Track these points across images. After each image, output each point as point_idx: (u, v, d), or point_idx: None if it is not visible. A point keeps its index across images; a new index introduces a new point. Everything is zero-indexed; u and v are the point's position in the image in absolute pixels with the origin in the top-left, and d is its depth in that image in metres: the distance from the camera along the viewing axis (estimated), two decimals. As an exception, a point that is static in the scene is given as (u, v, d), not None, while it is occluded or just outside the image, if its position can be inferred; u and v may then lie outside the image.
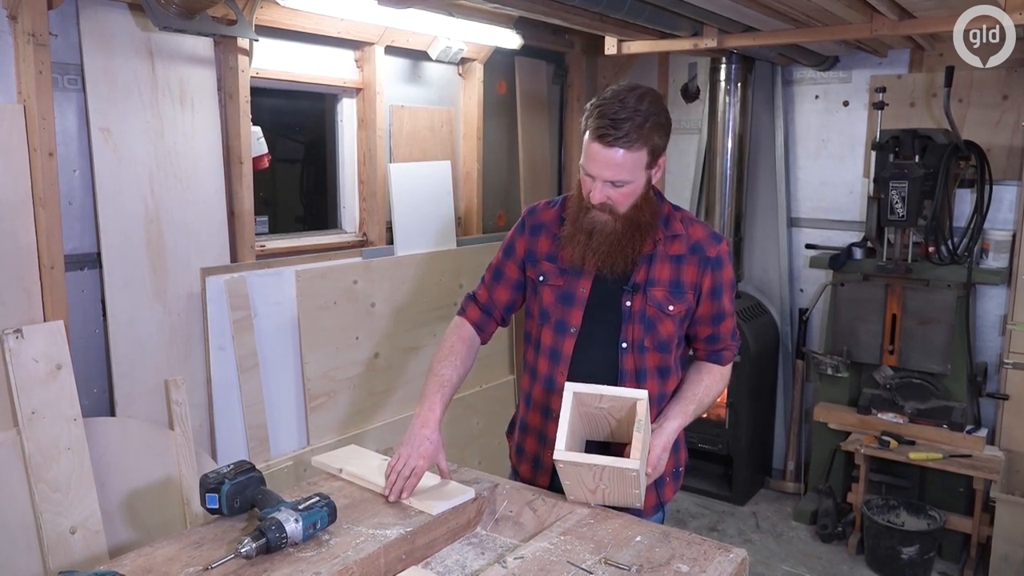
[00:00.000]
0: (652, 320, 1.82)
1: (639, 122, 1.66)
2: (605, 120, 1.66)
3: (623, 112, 1.66)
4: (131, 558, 1.43)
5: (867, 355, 3.84)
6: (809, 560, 3.68)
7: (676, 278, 1.83)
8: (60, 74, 2.50)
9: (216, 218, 2.91)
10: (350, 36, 3.28)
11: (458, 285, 3.83)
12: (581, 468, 1.62)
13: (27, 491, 2.32)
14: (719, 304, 1.87)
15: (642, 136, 1.67)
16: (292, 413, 3.17)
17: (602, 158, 1.69)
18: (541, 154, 4.46)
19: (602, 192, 1.73)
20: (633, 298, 1.82)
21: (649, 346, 1.83)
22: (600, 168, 1.70)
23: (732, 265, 1.91)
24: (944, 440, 3.58)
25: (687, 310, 1.85)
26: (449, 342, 1.95)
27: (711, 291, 1.85)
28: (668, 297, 1.82)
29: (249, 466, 1.61)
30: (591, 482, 1.65)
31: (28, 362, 2.35)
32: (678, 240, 1.84)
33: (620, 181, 1.71)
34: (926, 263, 3.66)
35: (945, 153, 3.50)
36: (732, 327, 1.93)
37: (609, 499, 1.70)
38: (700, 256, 1.84)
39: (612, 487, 1.65)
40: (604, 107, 1.68)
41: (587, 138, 1.71)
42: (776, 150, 4.33)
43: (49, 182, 2.42)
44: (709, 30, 3.48)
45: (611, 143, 1.66)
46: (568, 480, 1.67)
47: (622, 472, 1.59)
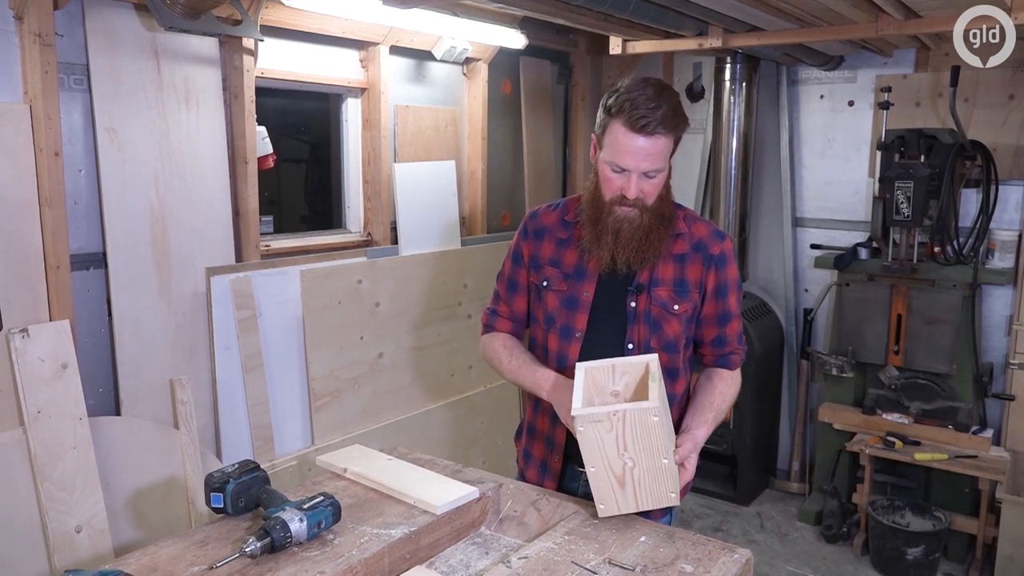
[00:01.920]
0: (658, 320, 1.81)
1: (668, 108, 1.66)
2: (641, 110, 1.64)
3: (653, 102, 1.65)
4: (136, 557, 1.43)
5: (872, 355, 3.83)
6: (814, 561, 3.67)
7: (680, 277, 1.81)
8: (66, 74, 2.51)
9: (221, 218, 2.92)
10: (355, 36, 3.28)
11: (462, 285, 3.84)
12: (602, 426, 1.52)
13: (33, 490, 2.33)
14: (724, 304, 1.85)
15: (675, 122, 1.68)
16: (297, 412, 3.17)
17: (639, 149, 1.66)
18: (546, 154, 4.46)
19: (637, 186, 1.70)
20: (638, 299, 1.81)
21: (656, 347, 1.81)
22: (638, 160, 1.68)
23: (737, 265, 1.89)
24: (949, 440, 3.57)
25: (693, 309, 1.83)
26: (500, 343, 1.94)
27: (716, 290, 1.83)
28: (673, 296, 1.81)
29: (254, 465, 1.61)
30: (616, 455, 1.54)
31: (34, 361, 2.36)
32: (681, 239, 1.82)
33: (654, 171, 1.70)
34: (932, 263, 3.65)
35: (951, 153, 3.49)
36: (739, 329, 1.89)
37: (640, 482, 1.57)
38: (704, 254, 1.82)
39: (640, 458, 1.55)
40: (634, 98, 1.66)
41: (617, 130, 1.68)
42: (781, 150, 4.32)
43: (55, 182, 2.43)
44: (714, 30, 3.47)
45: (651, 131, 1.65)
46: (591, 455, 1.55)
47: (644, 418, 1.50)
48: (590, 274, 1.83)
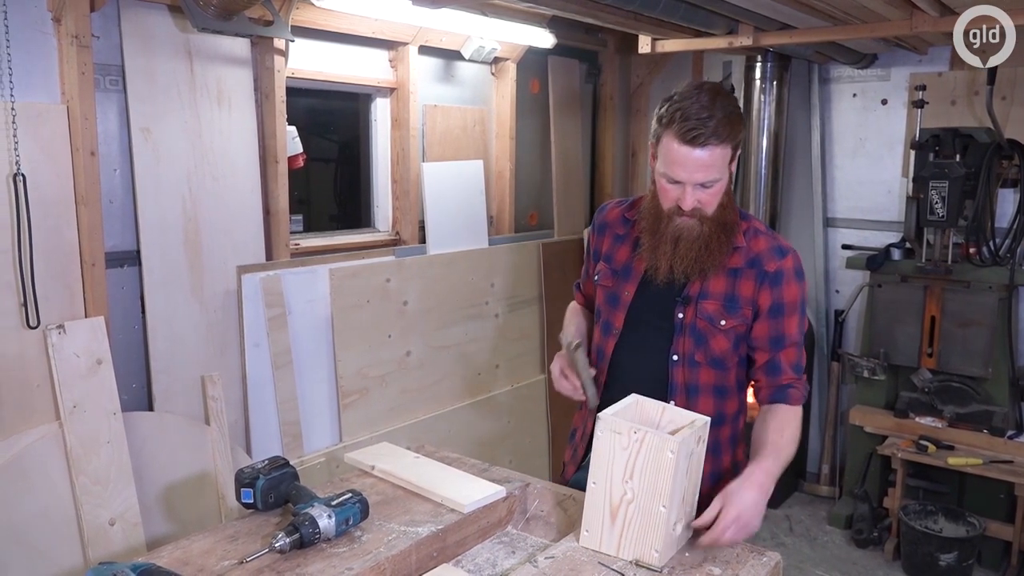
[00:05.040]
0: (704, 334, 1.76)
1: (722, 117, 1.62)
2: (691, 121, 1.60)
3: (705, 111, 1.61)
4: (168, 550, 1.45)
5: (905, 358, 3.77)
6: (844, 565, 3.63)
7: (731, 292, 1.76)
8: (102, 75, 2.55)
9: (252, 217, 2.95)
10: (384, 36, 3.30)
11: (489, 284, 3.84)
12: (619, 440, 1.48)
13: (68, 483, 2.38)
14: (779, 325, 1.75)
15: (729, 130, 1.63)
16: (325, 410, 3.20)
17: (692, 160, 1.63)
18: (574, 153, 4.45)
19: (693, 197, 1.67)
20: (685, 310, 1.78)
21: (701, 361, 1.77)
22: (690, 172, 1.64)
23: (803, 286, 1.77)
24: (984, 445, 3.51)
25: (744, 326, 1.76)
26: (570, 307, 2.12)
27: (770, 310, 1.75)
28: (721, 311, 1.75)
29: (283, 462, 1.63)
30: (620, 480, 1.49)
31: (70, 357, 2.40)
32: (737, 252, 1.76)
33: (710, 181, 1.66)
34: (967, 264, 3.59)
35: (987, 152, 3.43)
36: (797, 359, 1.76)
37: (631, 523, 1.48)
38: (758, 270, 1.75)
39: (640, 495, 1.47)
40: (685, 108, 1.62)
41: (669, 142, 1.65)
42: (812, 149, 4.28)
43: (91, 181, 2.47)
44: (745, 28, 3.44)
45: (703, 143, 1.61)
46: (598, 467, 1.51)
47: (661, 450, 1.44)
48: (635, 274, 1.83)
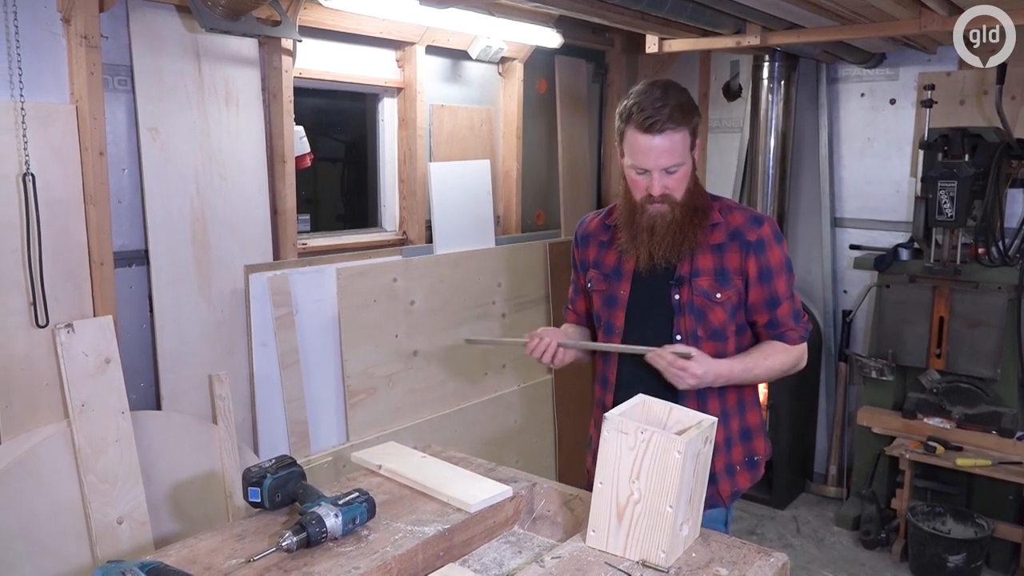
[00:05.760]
0: (702, 309, 1.89)
1: (675, 104, 1.77)
2: (647, 111, 1.76)
3: (659, 101, 1.76)
4: (176, 549, 1.46)
5: (913, 358, 3.76)
6: (851, 566, 3.62)
7: (720, 266, 1.89)
8: (110, 75, 2.56)
9: (260, 216, 2.96)
10: (391, 36, 3.30)
11: (496, 284, 3.84)
12: (625, 441, 1.48)
13: (77, 482, 2.39)
14: (770, 288, 1.90)
15: (683, 116, 1.78)
16: (332, 409, 3.20)
17: (654, 147, 1.78)
18: (581, 153, 4.44)
19: (660, 183, 1.80)
20: (680, 291, 1.89)
21: (703, 335, 1.89)
22: (655, 158, 1.79)
23: (783, 246, 1.93)
24: (993, 446, 3.49)
25: (738, 297, 1.89)
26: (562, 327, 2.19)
27: (759, 275, 1.89)
28: (714, 285, 1.88)
29: (290, 461, 1.63)
30: (627, 480, 1.49)
31: (78, 356, 2.41)
32: (718, 228, 1.90)
33: (674, 166, 1.80)
34: (975, 264, 3.57)
35: (996, 152, 3.41)
36: (791, 310, 1.93)
37: (637, 523, 1.49)
38: (740, 241, 1.88)
39: (647, 495, 1.47)
40: (641, 102, 1.78)
41: (632, 135, 1.80)
42: (820, 149, 4.26)
43: (99, 181, 2.48)
44: (752, 27, 3.43)
45: (660, 129, 1.76)
46: (605, 467, 1.51)
47: (668, 450, 1.44)
48: (626, 273, 1.94)
